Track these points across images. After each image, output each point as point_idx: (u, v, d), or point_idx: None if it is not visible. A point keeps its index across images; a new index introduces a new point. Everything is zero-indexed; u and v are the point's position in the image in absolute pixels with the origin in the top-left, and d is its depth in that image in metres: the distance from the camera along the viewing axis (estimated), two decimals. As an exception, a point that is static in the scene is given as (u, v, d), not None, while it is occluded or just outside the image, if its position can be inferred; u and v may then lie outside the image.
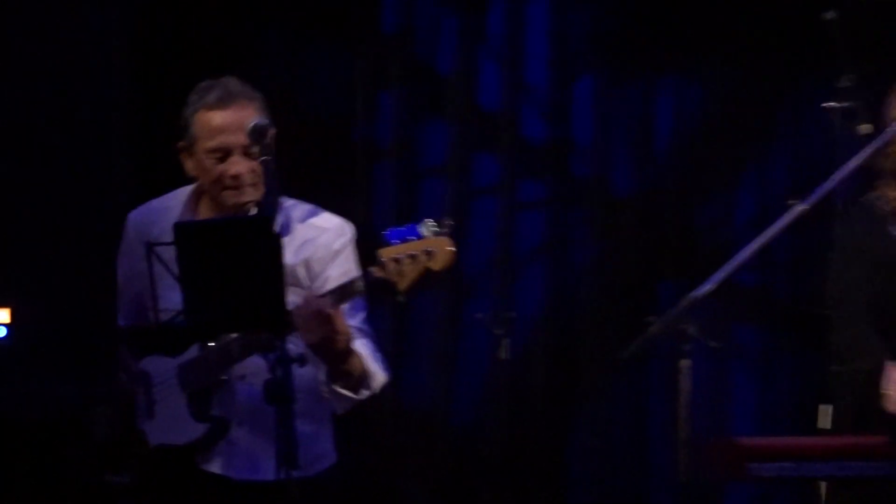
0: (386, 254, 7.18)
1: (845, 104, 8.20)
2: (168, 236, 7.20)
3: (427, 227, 7.31)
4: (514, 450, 9.86)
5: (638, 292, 9.85)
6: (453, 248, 7.29)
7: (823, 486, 8.68)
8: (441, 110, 10.31)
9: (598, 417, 10.06)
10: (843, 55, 8.23)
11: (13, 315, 7.09)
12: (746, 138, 10.48)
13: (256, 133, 7.37)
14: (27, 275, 7.31)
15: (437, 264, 7.26)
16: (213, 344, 7.55)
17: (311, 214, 7.98)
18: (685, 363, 7.56)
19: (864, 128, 8.08)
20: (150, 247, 7.27)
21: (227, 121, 7.70)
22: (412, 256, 7.24)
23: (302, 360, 7.04)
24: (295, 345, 7.27)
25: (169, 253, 7.07)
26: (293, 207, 7.96)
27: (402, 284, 7.23)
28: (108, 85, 7.43)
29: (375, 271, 7.22)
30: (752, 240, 7.89)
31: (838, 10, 8.29)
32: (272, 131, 7.47)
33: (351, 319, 7.66)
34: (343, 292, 7.38)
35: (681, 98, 10.51)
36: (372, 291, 7.39)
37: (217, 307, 7.17)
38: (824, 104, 8.28)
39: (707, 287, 7.50)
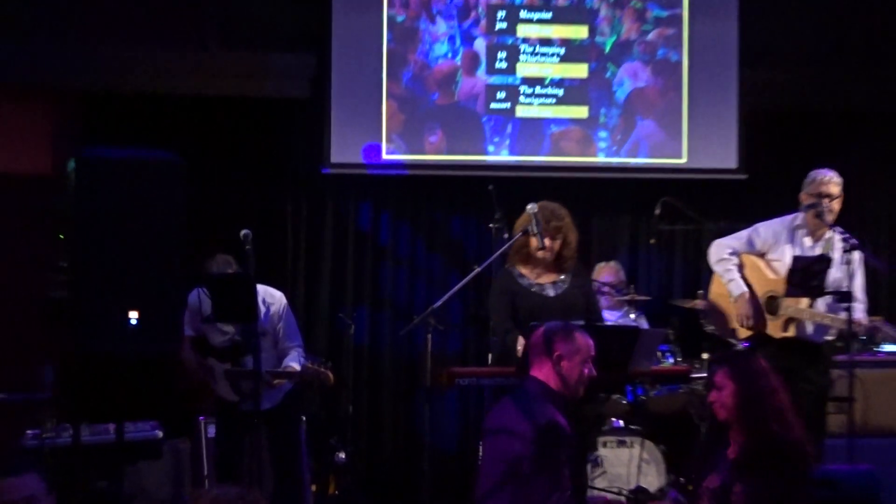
0: (306, 367, 7.70)
1: (498, 225, 8.19)
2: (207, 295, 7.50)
3: (323, 364, 7.90)
4: (357, 373, 9.71)
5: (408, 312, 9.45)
6: (332, 378, 7.88)
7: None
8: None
9: (392, 362, 9.89)
10: (497, 205, 8.22)
11: (140, 314, 7.16)
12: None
13: (245, 238, 7.36)
14: (143, 294, 7.22)
15: (325, 384, 7.86)
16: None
17: (264, 293, 7.83)
18: (430, 336, 7.72)
19: (507, 237, 7.90)
20: (199, 289, 7.54)
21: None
22: (318, 374, 7.76)
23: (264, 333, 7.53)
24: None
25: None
26: (264, 293, 7.83)
27: (311, 383, 7.89)
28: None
29: (300, 372, 7.74)
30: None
31: (494, 184, 8.39)
32: (251, 236, 7.35)
33: (296, 340, 7.90)
34: (284, 374, 7.71)
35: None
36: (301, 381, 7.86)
37: (226, 310, 7.43)
38: (489, 224, 8.29)
39: (439, 303, 7.97)
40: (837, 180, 7.86)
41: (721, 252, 8.00)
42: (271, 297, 7.87)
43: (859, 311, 7.60)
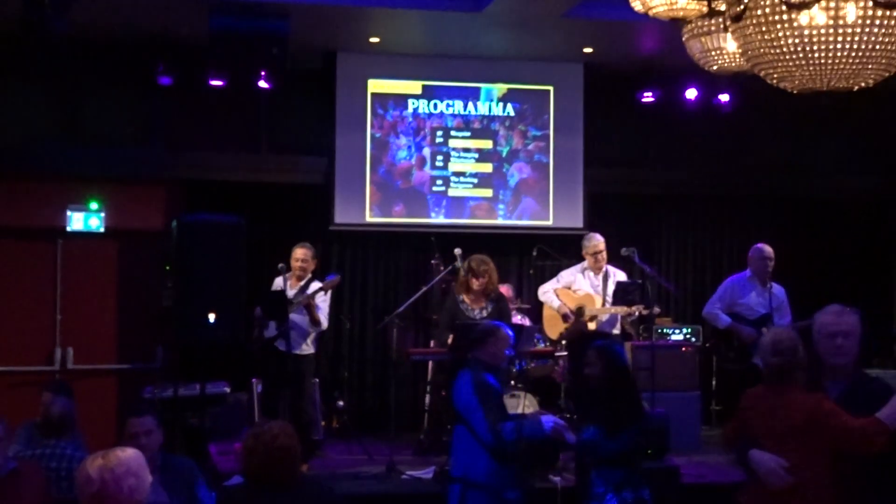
0: (324, 283, 7.65)
1: (436, 261, 8.23)
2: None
3: (331, 279, 7.75)
4: (351, 352, 9.58)
5: (382, 314, 9.12)
6: (338, 279, 7.80)
7: (431, 364, 8.38)
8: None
9: (372, 345, 9.67)
10: (436, 249, 8.25)
11: (216, 314, 7.09)
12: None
13: (281, 269, 7.57)
14: (219, 303, 7.12)
15: (337, 284, 7.70)
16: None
17: (312, 282, 7.78)
18: (395, 330, 7.83)
19: (442, 268, 8.19)
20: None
21: (301, 253, 7.82)
22: (332, 281, 7.59)
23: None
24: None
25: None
26: (310, 280, 7.78)
27: (327, 288, 7.68)
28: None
29: (322, 286, 7.63)
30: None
31: (435, 237, 8.47)
32: (286, 269, 7.67)
33: (323, 303, 7.72)
34: (317, 290, 7.60)
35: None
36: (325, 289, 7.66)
37: (271, 309, 7.59)
38: (431, 261, 8.35)
39: (400, 309, 7.95)
40: (602, 239, 8.29)
41: (545, 289, 8.39)
42: (314, 285, 7.82)
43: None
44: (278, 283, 7.85)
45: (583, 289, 8.24)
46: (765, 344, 4.16)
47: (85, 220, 9.12)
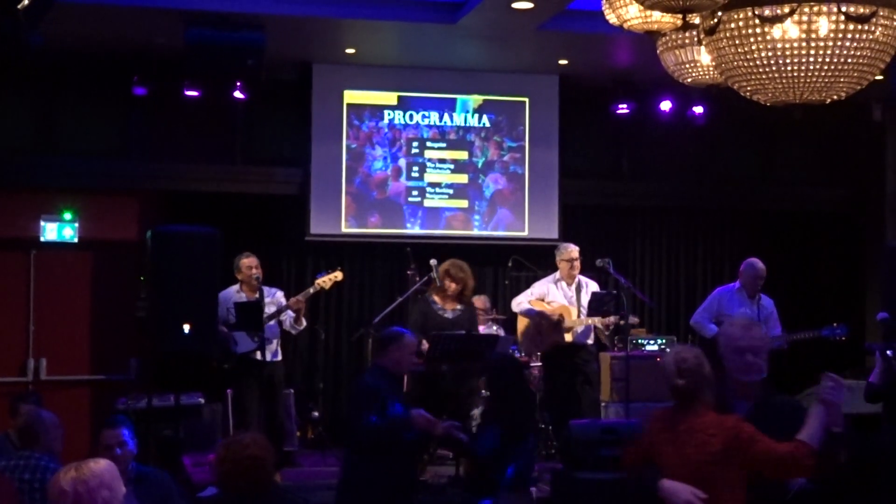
0: (318, 279, 7.57)
1: (412, 272, 8.08)
2: (232, 302, 7.42)
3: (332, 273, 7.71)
4: (326, 363, 9.52)
5: (357, 325, 9.17)
6: (341, 275, 7.71)
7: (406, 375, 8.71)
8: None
9: (347, 356, 9.58)
10: (412, 260, 8.14)
11: (191, 325, 7.05)
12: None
13: (257, 280, 7.45)
14: (193, 314, 7.07)
15: (337, 278, 7.70)
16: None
17: (274, 294, 7.73)
18: (370, 340, 7.77)
19: (418, 279, 8.07)
20: (234, 305, 7.46)
21: (251, 261, 7.66)
22: (332, 277, 7.59)
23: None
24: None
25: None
26: (270, 291, 7.68)
27: (326, 287, 7.69)
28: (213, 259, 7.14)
29: (315, 286, 7.62)
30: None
31: (410, 247, 8.37)
32: (261, 278, 7.49)
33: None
34: (306, 295, 7.60)
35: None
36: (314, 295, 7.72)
37: (246, 319, 7.59)
38: (407, 271, 8.26)
39: (376, 320, 7.91)
40: (576, 248, 8.27)
41: (519, 301, 8.32)
42: (279, 294, 7.83)
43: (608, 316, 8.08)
44: (230, 294, 7.73)
45: (557, 301, 8.23)
46: (668, 364, 3.73)
47: (59, 230, 9.06)
